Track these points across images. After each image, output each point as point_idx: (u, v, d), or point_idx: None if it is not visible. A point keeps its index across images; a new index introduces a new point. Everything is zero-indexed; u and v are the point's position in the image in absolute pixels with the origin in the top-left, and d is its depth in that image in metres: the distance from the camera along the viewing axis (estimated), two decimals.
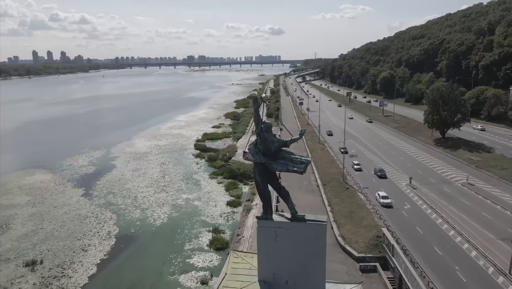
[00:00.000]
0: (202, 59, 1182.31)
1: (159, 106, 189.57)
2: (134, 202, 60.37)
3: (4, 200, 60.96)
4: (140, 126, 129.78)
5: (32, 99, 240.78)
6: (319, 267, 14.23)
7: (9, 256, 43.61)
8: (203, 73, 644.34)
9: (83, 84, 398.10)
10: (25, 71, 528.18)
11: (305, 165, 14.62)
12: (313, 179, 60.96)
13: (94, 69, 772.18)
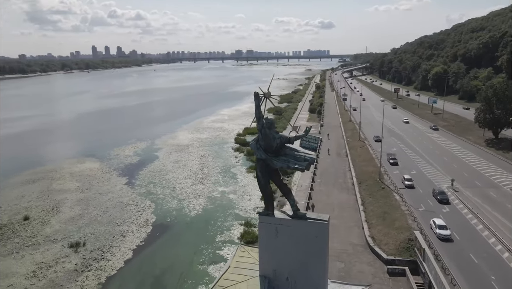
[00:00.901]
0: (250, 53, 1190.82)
1: (204, 100, 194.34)
2: (172, 192, 62.72)
3: (57, 185, 65.92)
4: (185, 119, 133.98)
5: (89, 91, 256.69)
6: (320, 266, 14.18)
7: (56, 237, 47.27)
8: (250, 68, 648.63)
9: (136, 78, 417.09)
10: (84, 65, 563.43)
11: (308, 162, 14.60)
12: (349, 177, 59.71)
13: (146, 63, 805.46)
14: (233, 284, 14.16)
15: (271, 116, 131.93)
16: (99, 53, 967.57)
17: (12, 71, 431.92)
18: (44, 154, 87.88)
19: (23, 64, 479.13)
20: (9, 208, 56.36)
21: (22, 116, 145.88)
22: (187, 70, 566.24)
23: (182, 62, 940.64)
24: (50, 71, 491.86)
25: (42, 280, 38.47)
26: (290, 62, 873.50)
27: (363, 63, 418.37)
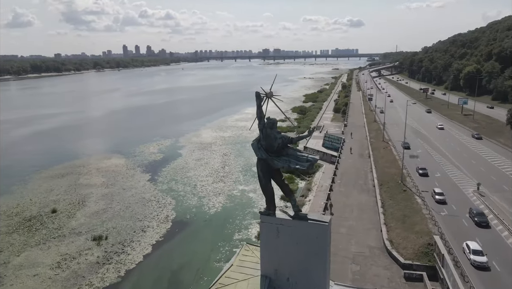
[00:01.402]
0: (276, 52, 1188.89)
1: (229, 98, 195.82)
2: (193, 189, 63.69)
3: (84, 180, 68.35)
4: (209, 118, 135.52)
5: (119, 89, 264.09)
6: (321, 268, 14.07)
7: (81, 230, 49.07)
8: (276, 67, 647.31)
9: (164, 76, 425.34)
10: (115, 64, 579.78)
11: (310, 163, 14.52)
12: (370, 178, 58.66)
13: (175, 62, 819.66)
14: (233, 282, 14.31)
15: (294, 116, 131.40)
16: (129, 52, 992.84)
17: (48, 69, 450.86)
18: (74, 150, 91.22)
19: (58, 63, 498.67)
20: (38, 200, 58.97)
21: (56, 113, 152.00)
22: (214, 69, 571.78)
23: (209, 61, 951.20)
24: (83, 70, 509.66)
25: (65, 270, 40.07)
26: (317, 61, 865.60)
27: (392, 62, 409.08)
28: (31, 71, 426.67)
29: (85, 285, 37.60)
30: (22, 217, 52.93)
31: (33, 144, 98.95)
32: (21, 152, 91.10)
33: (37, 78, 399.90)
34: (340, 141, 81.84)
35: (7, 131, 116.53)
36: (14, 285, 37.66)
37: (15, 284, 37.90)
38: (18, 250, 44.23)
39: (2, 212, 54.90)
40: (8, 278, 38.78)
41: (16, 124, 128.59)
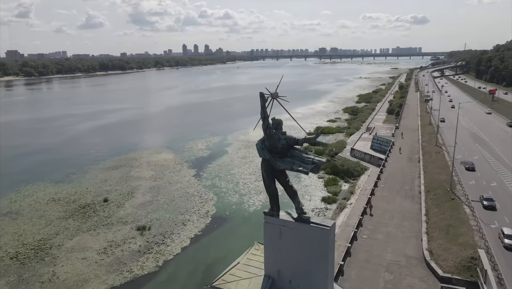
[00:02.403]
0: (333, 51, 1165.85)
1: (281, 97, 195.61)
2: (235, 186, 64.87)
3: (135, 172, 72.42)
4: (258, 116, 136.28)
5: (176, 87, 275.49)
6: (322, 272, 13.90)
7: (127, 219, 52.16)
8: (333, 66, 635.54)
9: (219, 74, 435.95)
10: (174, 63, 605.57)
11: (314, 165, 14.35)
12: (417, 184, 55.73)
13: (231, 61, 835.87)
14: (236, 280, 14.57)
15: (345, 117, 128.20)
16: (188, 51, 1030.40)
17: (114, 67, 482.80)
18: (129, 144, 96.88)
19: (123, 62, 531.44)
20: (94, 189, 63.57)
21: (117, 109, 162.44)
22: (268, 68, 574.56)
23: (264, 60, 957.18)
24: (145, 68, 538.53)
25: (110, 256, 42.90)
26: (376, 60, 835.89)
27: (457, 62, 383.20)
28: (99, 69, 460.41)
29: (126, 271, 39.98)
30: (78, 204, 57.42)
31: (94, 137, 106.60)
32: (84, 144, 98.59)
33: (104, 76, 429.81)
34: (389, 144, 78.58)
35: (73, 125, 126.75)
36: (64, 267, 41.08)
37: (66, 265, 41.32)
38: (72, 234, 48.11)
39: (62, 198, 59.98)
40: (60, 259, 42.39)
41: (81, 118, 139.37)
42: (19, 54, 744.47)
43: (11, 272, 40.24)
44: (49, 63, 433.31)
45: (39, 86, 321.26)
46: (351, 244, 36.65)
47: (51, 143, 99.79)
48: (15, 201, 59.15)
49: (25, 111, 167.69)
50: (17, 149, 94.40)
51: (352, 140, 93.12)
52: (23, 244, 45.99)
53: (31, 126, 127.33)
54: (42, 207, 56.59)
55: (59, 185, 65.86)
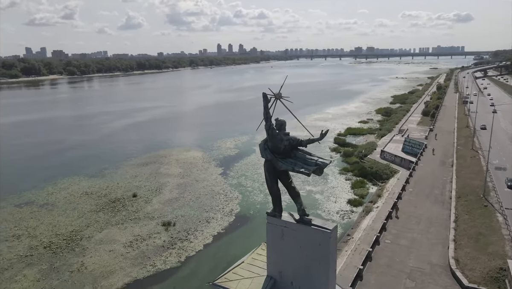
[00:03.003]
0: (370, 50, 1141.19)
1: (312, 97, 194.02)
2: (260, 186, 64.98)
3: (164, 169, 74.29)
4: (288, 116, 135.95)
5: (209, 86, 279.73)
6: (323, 274, 13.75)
7: (154, 215, 53.66)
8: (368, 66, 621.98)
9: (252, 74, 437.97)
10: (209, 62, 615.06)
11: (317, 167, 14.20)
12: (448, 189, 53.52)
13: (265, 60, 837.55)
14: (238, 278, 14.69)
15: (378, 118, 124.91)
16: (223, 51, 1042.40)
17: (150, 67, 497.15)
18: (160, 141, 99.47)
19: (159, 61, 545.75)
20: (124, 185, 65.85)
21: (151, 107, 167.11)
22: (302, 68, 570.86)
23: (299, 60, 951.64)
24: (180, 67, 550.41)
25: (135, 250, 44.32)
26: (415, 60, 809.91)
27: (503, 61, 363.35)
28: (136, 68, 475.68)
29: (149, 265, 41.18)
30: (109, 198, 59.70)
31: (128, 134, 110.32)
32: (117, 140, 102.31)
33: (140, 75, 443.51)
34: (421, 146, 75.98)
35: (109, 122, 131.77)
36: (92, 257, 42.89)
37: (94, 256, 43.12)
38: (101, 227, 50.13)
39: (94, 192, 62.58)
40: (89, 250, 44.31)
41: (117, 116, 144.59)
42: (64, 54, 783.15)
43: (43, 260, 42.52)
44: (90, 62, 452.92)
45: (81, 84, 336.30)
46: (372, 249, 35.82)
47: (88, 140, 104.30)
48: (52, 193, 62.38)
49: (66, 108, 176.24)
50: (57, 144, 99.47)
51: (383, 142, 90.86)
52: (57, 234, 48.44)
53: (71, 123, 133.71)
54: (76, 200, 59.33)
55: (93, 180, 68.76)
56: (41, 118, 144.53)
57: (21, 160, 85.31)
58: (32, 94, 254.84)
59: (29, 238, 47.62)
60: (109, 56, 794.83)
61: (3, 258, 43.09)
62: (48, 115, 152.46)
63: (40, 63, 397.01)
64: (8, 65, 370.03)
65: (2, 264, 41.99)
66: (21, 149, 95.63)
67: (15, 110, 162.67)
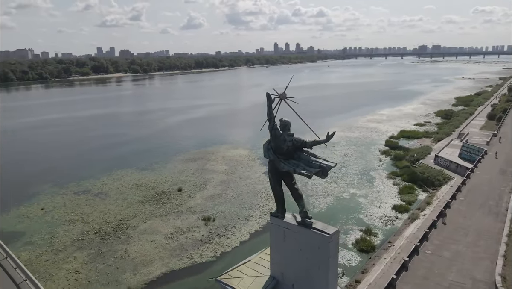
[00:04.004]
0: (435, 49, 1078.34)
1: (367, 97, 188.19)
2: (303, 187, 64.35)
3: (210, 166, 76.38)
4: (340, 116, 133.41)
5: (263, 84, 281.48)
6: (323, 279, 13.47)
7: (195, 209, 55.46)
8: (432, 65, 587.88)
9: (307, 73, 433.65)
10: (264, 61, 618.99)
11: (320, 170, 13.94)
12: (506, 200, 49.09)
13: (321, 59, 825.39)
14: (240, 276, 14.84)
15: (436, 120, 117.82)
16: (280, 50, 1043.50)
17: (208, 65, 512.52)
18: (210, 138, 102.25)
19: (216, 60, 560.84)
20: (171, 179, 68.75)
21: (204, 104, 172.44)
22: (360, 67, 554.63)
23: (357, 59, 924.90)
24: (236, 66, 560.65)
25: (175, 242, 46.19)
26: (486, 58, 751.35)
27: None
28: (194, 67, 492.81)
29: (186, 257, 42.71)
30: (156, 191, 62.72)
31: (180, 130, 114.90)
32: (170, 136, 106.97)
33: (198, 73, 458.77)
34: (480, 152, 70.51)
35: (165, 118, 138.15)
36: (135, 246, 45.42)
37: (137, 245, 45.65)
38: (146, 218, 52.87)
39: (144, 184, 66.09)
40: (133, 239, 46.98)
41: (172, 112, 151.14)
42: (130, 53, 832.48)
43: (92, 245, 45.84)
44: (152, 61, 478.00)
45: (143, 82, 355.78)
46: (409, 258, 34.03)
47: (143, 134, 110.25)
48: (106, 184, 66.92)
49: (128, 104, 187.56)
50: (116, 137, 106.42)
51: (438, 146, 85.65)
52: (106, 221, 51.96)
53: (131, 118, 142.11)
54: (126, 191, 63.11)
55: (143, 172, 72.62)
56: (106, 113, 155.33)
57: (85, 151, 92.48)
58: (99, 91, 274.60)
59: (82, 223, 51.60)
60: (171, 55, 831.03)
61: (59, 241, 47.15)
62: (112, 110, 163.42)
63: (108, 62, 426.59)
64: (80, 64, 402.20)
65: (57, 245, 45.98)
66: (86, 140, 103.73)
67: (85, 106, 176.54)
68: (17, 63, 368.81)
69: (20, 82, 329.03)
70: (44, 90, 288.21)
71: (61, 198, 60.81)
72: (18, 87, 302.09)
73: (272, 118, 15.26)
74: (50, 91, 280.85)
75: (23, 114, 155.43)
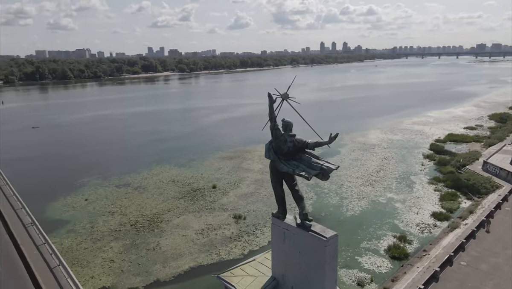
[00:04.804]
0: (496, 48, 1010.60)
1: (415, 98, 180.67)
2: (338, 188, 63.24)
3: (246, 164, 77.03)
4: (384, 118, 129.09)
5: (306, 84, 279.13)
6: (319, 283, 13.18)
7: (228, 207, 56.21)
8: (491, 65, 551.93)
9: (353, 73, 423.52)
10: (309, 60, 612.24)
11: (321, 172, 13.68)
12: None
13: (369, 59, 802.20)
14: (242, 274, 14.89)
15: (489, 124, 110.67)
16: (326, 49, 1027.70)
17: (252, 65, 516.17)
18: (247, 136, 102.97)
19: (261, 59, 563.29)
20: (207, 176, 70.19)
21: (246, 103, 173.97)
22: (410, 67, 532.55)
23: (407, 58, 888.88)
24: (281, 65, 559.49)
25: (205, 238, 47.15)
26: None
27: None
28: (239, 66, 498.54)
29: (214, 253, 43.47)
30: (191, 187, 64.34)
31: (220, 128, 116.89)
32: (210, 134, 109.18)
33: (242, 72, 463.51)
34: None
35: (206, 116, 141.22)
36: (167, 239, 46.93)
37: (169, 238, 47.15)
38: (179, 213, 54.43)
39: (180, 180, 68.05)
40: (165, 233, 48.58)
41: (214, 110, 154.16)
42: (178, 52, 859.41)
43: (128, 236, 47.97)
44: (198, 60, 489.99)
45: (188, 80, 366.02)
46: (441, 269, 32.28)
47: (185, 131, 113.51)
48: (145, 178, 69.68)
49: (172, 102, 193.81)
50: (159, 134, 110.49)
51: (489, 152, 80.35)
52: (142, 214, 54.13)
53: (174, 116, 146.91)
54: (163, 186, 65.33)
55: (180, 169, 74.76)
56: (151, 110, 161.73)
57: (129, 146, 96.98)
58: (147, 89, 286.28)
59: (120, 215, 54.14)
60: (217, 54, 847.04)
61: (98, 230, 49.83)
62: (157, 108, 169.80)
63: (156, 61, 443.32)
64: (131, 63, 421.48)
65: (96, 235, 48.62)
66: (131, 136, 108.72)
67: (133, 103, 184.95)
68: (75, 62, 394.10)
69: (77, 80, 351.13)
70: (97, 87, 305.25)
71: (103, 190, 64.19)
72: (75, 85, 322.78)
73: (273, 118, 15.21)
74: (102, 88, 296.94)
75: (78, 110, 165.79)
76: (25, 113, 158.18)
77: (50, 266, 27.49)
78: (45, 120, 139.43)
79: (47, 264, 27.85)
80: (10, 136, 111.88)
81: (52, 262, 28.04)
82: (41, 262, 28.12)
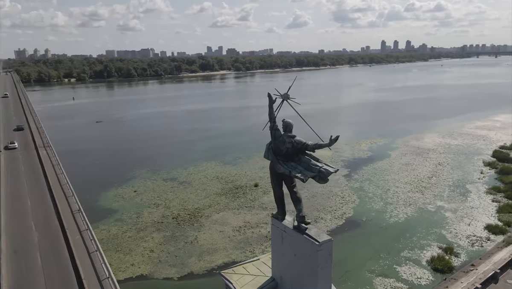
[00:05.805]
0: None
1: (481, 101, 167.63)
2: (383, 193, 60.68)
3: None
4: (443, 120, 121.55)
5: (362, 84, 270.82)
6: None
7: (267, 206, 56.24)
8: None
9: (415, 73, 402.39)
10: (368, 60, 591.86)
11: (318, 174, 13.25)
12: None
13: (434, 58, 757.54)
14: (243, 273, 14.86)
15: None
16: (387, 48, 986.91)
17: (308, 64, 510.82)
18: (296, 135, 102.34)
19: (317, 58, 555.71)
20: (250, 174, 70.90)
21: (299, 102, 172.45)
22: (480, 66, 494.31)
23: (478, 57, 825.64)
24: (338, 65, 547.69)
25: (241, 235, 47.76)
26: None
27: None
28: (295, 65, 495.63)
29: (248, 251, 43.89)
30: (233, 185, 65.42)
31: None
32: (256, 132, 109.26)
33: (298, 72, 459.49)
34: None
35: (256, 115, 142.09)
36: (205, 234, 48.22)
37: (207, 233, 48.42)
38: (219, 209, 55.63)
39: (223, 177, 69.47)
40: (204, 227, 49.95)
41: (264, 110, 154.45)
42: (236, 52, 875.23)
43: (169, 228, 50.02)
44: (254, 59, 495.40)
45: (244, 79, 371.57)
46: (483, 285, 29.70)
47: (234, 129, 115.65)
48: (191, 174, 72.08)
49: (227, 100, 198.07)
50: (209, 131, 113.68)
51: None
52: (185, 208, 56.11)
53: (226, 114, 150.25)
54: (207, 182, 67.14)
55: (226, 166, 76.29)
56: (206, 108, 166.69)
57: (180, 142, 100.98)
58: (204, 87, 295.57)
59: (164, 208, 56.59)
60: (274, 53, 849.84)
61: (142, 221, 52.54)
62: (211, 106, 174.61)
63: (214, 60, 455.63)
64: (190, 62, 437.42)
65: (140, 225, 51.30)
66: (183, 132, 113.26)
67: (189, 100, 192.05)
68: (139, 62, 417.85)
69: (139, 78, 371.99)
70: (157, 85, 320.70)
71: (151, 183, 67.46)
72: (138, 83, 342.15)
73: (273, 118, 15.01)
74: (162, 86, 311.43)
75: (138, 106, 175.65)
76: (92, 108, 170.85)
77: (88, 251, 29.52)
78: (108, 115, 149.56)
79: (87, 248, 29.94)
80: (75, 129, 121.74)
81: (91, 247, 30.06)
82: (81, 246, 30.28)
